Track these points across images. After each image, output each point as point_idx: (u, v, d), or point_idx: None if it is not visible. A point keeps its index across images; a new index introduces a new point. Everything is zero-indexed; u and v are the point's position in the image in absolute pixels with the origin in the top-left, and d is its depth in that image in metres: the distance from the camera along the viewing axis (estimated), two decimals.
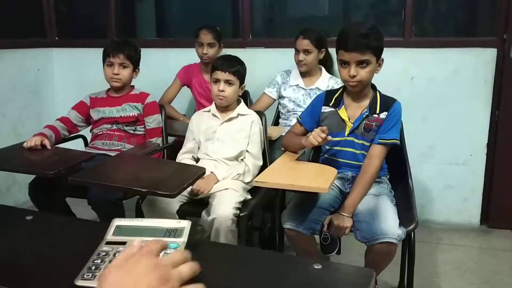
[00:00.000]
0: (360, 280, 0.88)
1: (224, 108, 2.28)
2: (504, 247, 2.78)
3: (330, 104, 2.01)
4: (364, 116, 1.94)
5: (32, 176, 2.25)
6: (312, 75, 2.85)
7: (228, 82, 2.19)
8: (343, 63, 1.88)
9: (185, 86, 3.13)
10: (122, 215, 2.09)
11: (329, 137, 1.86)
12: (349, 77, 1.86)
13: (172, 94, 3.09)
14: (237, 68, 2.21)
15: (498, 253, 2.72)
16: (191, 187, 2.03)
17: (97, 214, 2.19)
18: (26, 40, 3.54)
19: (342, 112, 1.97)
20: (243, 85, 2.28)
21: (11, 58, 3.29)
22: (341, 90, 2.02)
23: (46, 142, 2.19)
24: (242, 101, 2.34)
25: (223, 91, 2.19)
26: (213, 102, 2.31)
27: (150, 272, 0.62)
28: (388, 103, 1.95)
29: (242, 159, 2.25)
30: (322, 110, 2.03)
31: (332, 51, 2.79)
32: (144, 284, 0.61)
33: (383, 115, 1.93)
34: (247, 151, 2.23)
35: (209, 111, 2.32)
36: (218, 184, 2.12)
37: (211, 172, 2.14)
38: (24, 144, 2.18)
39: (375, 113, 1.93)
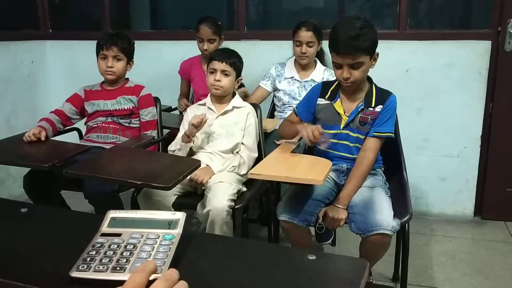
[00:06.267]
0: (354, 271, 0.88)
1: (219, 101, 2.28)
2: (497, 238, 2.80)
3: (326, 97, 2.01)
4: (359, 109, 1.94)
5: (27, 169, 2.24)
6: (307, 67, 2.85)
7: (224, 72, 2.20)
8: (336, 65, 1.88)
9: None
10: (120, 207, 2.09)
11: (325, 142, 1.89)
12: (343, 79, 1.87)
13: (184, 91, 3.15)
14: (234, 60, 2.22)
15: (491, 244, 2.74)
16: (189, 176, 2.02)
17: (94, 207, 2.19)
18: (19, 32, 3.52)
19: (338, 105, 1.97)
20: (240, 78, 2.29)
21: (4, 50, 3.27)
22: (337, 82, 2.01)
23: (43, 135, 2.18)
24: (237, 94, 2.34)
25: (219, 81, 2.19)
26: (208, 95, 2.31)
27: None
28: (384, 96, 1.95)
29: (238, 152, 2.25)
30: (318, 102, 2.03)
31: (326, 43, 2.79)
32: None
33: (378, 108, 1.93)
34: (242, 143, 2.24)
35: (204, 104, 2.31)
36: (213, 177, 2.12)
37: (207, 165, 2.14)
38: (24, 137, 2.17)
39: (371, 107, 1.94)
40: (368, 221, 1.73)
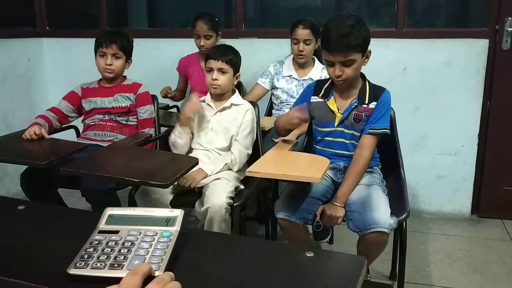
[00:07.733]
0: (352, 268, 0.88)
1: (218, 98, 2.28)
2: (494, 237, 2.81)
3: (320, 95, 2.01)
4: (353, 106, 1.94)
5: (24, 167, 2.23)
6: (305, 66, 2.85)
7: (221, 70, 2.19)
8: (328, 62, 1.88)
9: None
10: (117, 205, 2.09)
11: (306, 116, 1.89)
12: (335, 76, 1.87)
13: (180, 87, 3.13)
14: (230, 57, 2.21)
15: (488, 242, 2.75)
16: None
17: (91, 204, 2.19)
18: (17, 29, 3.50)
19: (331, 103, 1.97)
20: (238, 74, 2.28)
21: (1, 48, 3.26)
22: (331, 80, 2.01)
23: (43, 131, 2.18)
24: (237, 91, 2.33)
25: (216, 79, 2.19)
26: (208, 92, 2.31)
27: None
28: (377, 92, 1.95)
29: None
30: (312, 100, 2.03)
31: None
32: None
33: (372, 105, 1.93)
34: (235, 139, 2.23)
35: (204, 100, 2.31)
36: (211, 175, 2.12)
37: (200, 168, 2.13)
38: (23, 135, 2.16)
39: (364, 103, 1.93)
40: (366, 219, 1.74)
